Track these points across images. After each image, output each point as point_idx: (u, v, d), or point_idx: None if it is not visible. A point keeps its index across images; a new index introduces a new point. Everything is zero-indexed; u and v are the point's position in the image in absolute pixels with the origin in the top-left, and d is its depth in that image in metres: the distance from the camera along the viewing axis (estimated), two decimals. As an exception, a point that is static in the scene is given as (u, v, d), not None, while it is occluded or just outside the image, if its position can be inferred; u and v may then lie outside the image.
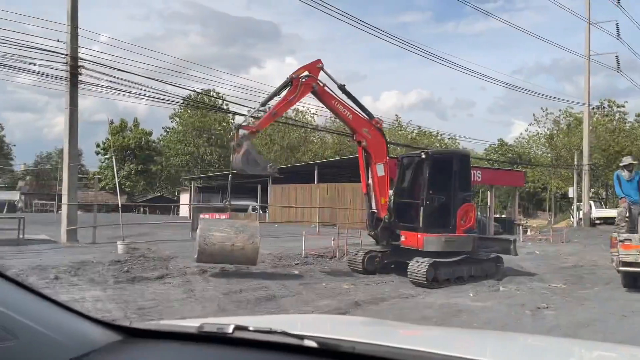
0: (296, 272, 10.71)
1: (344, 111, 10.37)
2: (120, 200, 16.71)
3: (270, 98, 9.93)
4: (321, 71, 10.21)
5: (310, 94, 10.13)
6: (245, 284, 8.95)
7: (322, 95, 10.14)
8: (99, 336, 1.38)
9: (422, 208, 10.07)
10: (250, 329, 1.38)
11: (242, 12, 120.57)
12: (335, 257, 12.95)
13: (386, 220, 10.37)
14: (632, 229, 10.05)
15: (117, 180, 18.08)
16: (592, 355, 2.01)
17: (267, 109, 10.57)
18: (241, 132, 9.68)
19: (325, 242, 14.55)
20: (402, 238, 10.31)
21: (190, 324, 1.51)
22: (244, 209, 39.91)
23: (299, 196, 32.45)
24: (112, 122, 61.02)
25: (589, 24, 35.97)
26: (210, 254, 9.09)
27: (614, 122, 47.73)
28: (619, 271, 9.39)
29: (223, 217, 10.98)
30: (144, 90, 16.80)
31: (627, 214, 10.60)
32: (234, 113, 48.37)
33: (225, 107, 46.28)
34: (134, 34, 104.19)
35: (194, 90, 36.32)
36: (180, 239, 17.09)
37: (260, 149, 62.90)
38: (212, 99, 49.18)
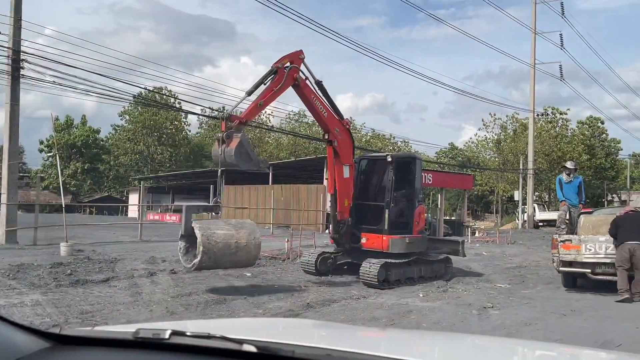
0: (248, 274, 10.60)
1: (321, 108, 9.99)
2: (64, 200, 16.06)
3: (256, 87, 9.28)
4: (302, 63, 9.66)
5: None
6: (195, 287, 8.78)
7: (303, 89, 9.67)
8: (25, 344, 1.30)
9: (387, 210, 10.09)
10: (188, 334, 1.33)
11: (197, 9, 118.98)
12: (288, 258, 12.91)
13: (349, 223, 10.29)
14: (571, 231, 10.52)
15: (61, 179, 17.35)
16: (534, 355, 2.07)
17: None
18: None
19: (279, 243, 14.49)
20: (363, 240, 10.29)
21: (126, 329, 1.45)
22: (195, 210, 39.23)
23: (253, 197, 32.22)
24: (57, 119, 58.77)
25: (535, 33, 37.49)
26: (214, 254, 7.96)
27: (557, 129, 49.93)
28: (559, 271, 9.79)
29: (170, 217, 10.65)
30: (91, 87, 16.25)
31: (567, 217, 11.09)
32: (187, 112, 47.61)
33: (177, 105, 45.48)
34: (82, 28, 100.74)
35: (145, 88, 35.50)
36: (128, 241, 16.63)
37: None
38: (164, 97, 48.11)
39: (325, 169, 27.89)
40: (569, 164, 11.81)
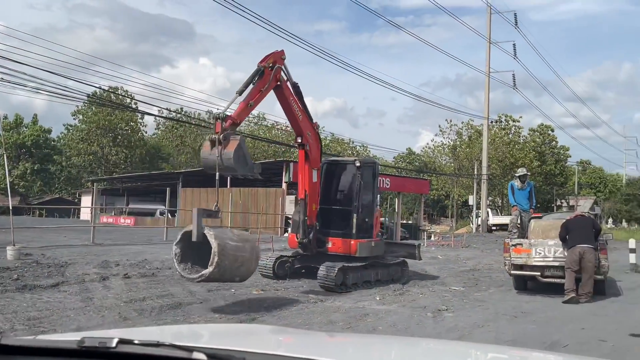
0: (204, 278, 10.43)
1: (297, 110, 9.82)
2: (11, 201, 15.38)
3: (246, 87, 8.88)
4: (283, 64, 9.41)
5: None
6: (150, 291, 8.58)
7: (284, 90, 9.46)
8: None
9: (355, 215, 10.18)
10: (136, 342, 1.29)
11: (155, 8, 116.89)
12: (245, 262, 12.77)
13: (317, 227, 10.26)
14: (522, 235, 10.86)
15: (8, 180, 16.63)
16: (486, 358, 2.12)
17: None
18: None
19: (236, 247, 14.32)
20: (329, 245, 10.28)
21: (70, 338, 1.39)
22: (150, 213, 38.40)
23: (211, 200, 31.73)
24: (5, 117, 56.32)
25: (489, 43, 38.63)
26: (224, 266, 7.32)
27: (510, 136, 51.52)
28: (510, 274, 10.10)
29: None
30: (42, 85, 15.68)
31: (519, 221, 11.44)
32: (143, 112, 46.58)
33: (133, 106, 44.41)
34: (34, 24, 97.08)
35: (100, 87, 34.51)
36: (79, 244, 16.09)
37: (171, 150, 61.07)
38: (120, 97, 46.90)
39: (284, 173, 27.83)
40: (522, 171, 12.18)
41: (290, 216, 13.29)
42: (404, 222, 37.01)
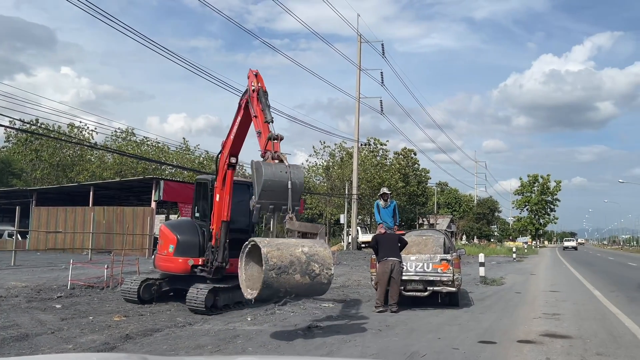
0: (58, 306, 9.52)
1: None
2: None
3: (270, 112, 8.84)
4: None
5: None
6: (-10, 323, 7.60)
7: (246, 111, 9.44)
8: None
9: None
10: None
11: (9, 11, 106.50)
12: (108, 287, 11.92)
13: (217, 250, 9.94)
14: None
15: None
16: None
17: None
18: None
19: (98, 271, 13.33)
20: (228, 266, 9.96)
21: None
22: (-3, 235, 34.24)
23: (70, 220, 29.21)
24: None
25: (359, 70, 40.81)
26: None
27: (378, 158, 54.60)
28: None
29: None
30: None
31: (384, 238, 12.06)
32: (-9, 123, 41.66)
33: (-21, 114, 39.57)
34: None
35: (-64, 92, 30.35)
36: None
37: (24, 165, 55.30)
38: (-38, 104, 41.59)
39: (154, 191, 26.56)
40: (384, 190, 12.92)
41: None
42: (278, 241, 37.20)
